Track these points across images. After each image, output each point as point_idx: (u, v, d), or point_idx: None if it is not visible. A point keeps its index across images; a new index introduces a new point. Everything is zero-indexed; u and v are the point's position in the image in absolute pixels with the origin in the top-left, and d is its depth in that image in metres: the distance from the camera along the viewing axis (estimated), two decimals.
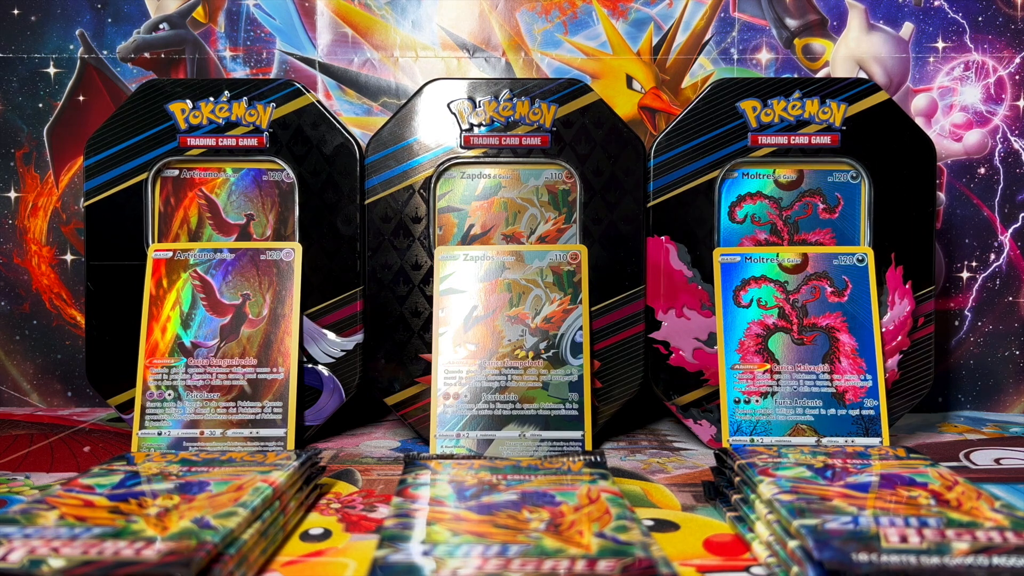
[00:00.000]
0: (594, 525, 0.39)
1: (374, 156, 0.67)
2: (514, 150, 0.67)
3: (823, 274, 0.64)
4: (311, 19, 0.80)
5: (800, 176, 0.67)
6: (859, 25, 0.79)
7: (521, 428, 0.62)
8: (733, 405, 0.62)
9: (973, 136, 0.80)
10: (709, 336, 0.66)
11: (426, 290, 0.66)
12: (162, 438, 0.61)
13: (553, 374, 0.63)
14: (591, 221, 0.67)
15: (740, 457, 0.49)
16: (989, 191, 0.80)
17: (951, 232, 0.81)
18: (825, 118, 0.66)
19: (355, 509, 0.50)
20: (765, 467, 0.46)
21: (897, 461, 0.49)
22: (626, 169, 0.67)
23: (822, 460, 0.49)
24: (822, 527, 0.36)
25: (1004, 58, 0.79)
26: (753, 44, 0.79)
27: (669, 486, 0.55)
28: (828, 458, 0.49)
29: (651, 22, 0.78)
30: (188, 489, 0.44)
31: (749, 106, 0.66)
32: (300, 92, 0.67)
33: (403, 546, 0.36)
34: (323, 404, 0.67)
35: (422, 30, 0.79)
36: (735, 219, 0.67)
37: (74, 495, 0.42)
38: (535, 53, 0.79)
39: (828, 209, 0.67)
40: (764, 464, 0.47)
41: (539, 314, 0.64)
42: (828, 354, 0.63)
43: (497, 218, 0.68)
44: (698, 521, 0.48)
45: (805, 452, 0.51)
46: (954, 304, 0.81)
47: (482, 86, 0.67)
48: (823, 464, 0.48)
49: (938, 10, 0.79)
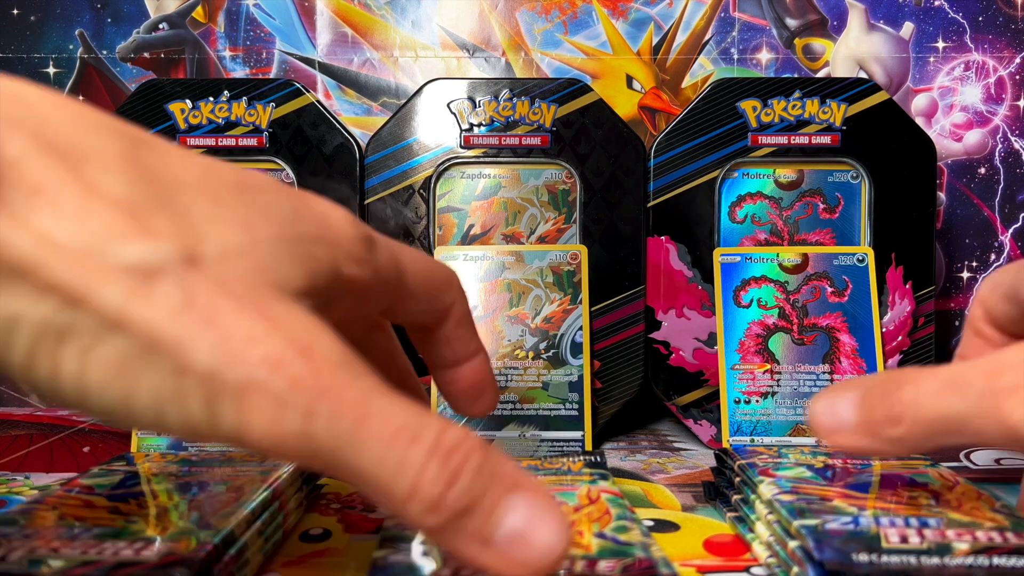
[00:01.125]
0: (594, 525, 0.39)
1: (374, 156, 0.67)
2: (514, 150, 0.67)
3: (823, 274, 0.64)
4: (311, 19, 0.79)
5: (800, 176, 0.67)
6: (859, 25, 0.79)
7: (521, 428, 0.61)
8: (733, 405, 0.62)
9: (973, 136, 0.80)
10: (709, 336, 0.66)
11: None
12: (161, 438, 0.61)
13: (553, 374, 0.63)
14: (591, 221, 0.67)
15: (740, 457, 0.49)
16: (989, 191, 0.80)
17: (951, 232, 0.81)
18: (825, 118, 0.66)
19: (355, 509, 0.50)
20: (765, 467, 0.46)
21: (898, 461, 0.49)
22: (626, 169, 0.67)
23: (822, 460, 0.48)
24: (822, 527, 0.36)
25: (1004, 58, 0.79)
26: (753, 44, 0.79)
27: (669, 486, 0.55)
28: (828, 458, 0.49)
29: (651, 22, 0.78)
30: (188, 489, 0.43)
31: (749, 106, 0.66)
32: (300, 92, 0.67)
33: (403, 546, 0.36)
34: None
35: (422, 30, 0.79)
36: (735, 219, 0.67)
37: (74, 495, 0.42)
38: (535, 53, 0.79)
39: (828, 209, 0.67)
40: (764, 464, 0.47)
41: (539, 314, 0.64)
42: (828, 354, 0.63)
43: (497, 218, 0.68)
44: (698, 521, 0.48)
45: (805, 452, 0.51)
46: (954, 304, 0.81)
47: (482, 86, 0.67)
48: (823, 464, 0.47)
49: (938, 10, 0.79)
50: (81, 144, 0.25)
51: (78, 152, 0.24)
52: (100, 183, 0.24)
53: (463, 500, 0.24)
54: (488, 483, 0.25)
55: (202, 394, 0.23)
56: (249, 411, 0.23)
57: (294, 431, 0.23)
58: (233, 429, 0.23)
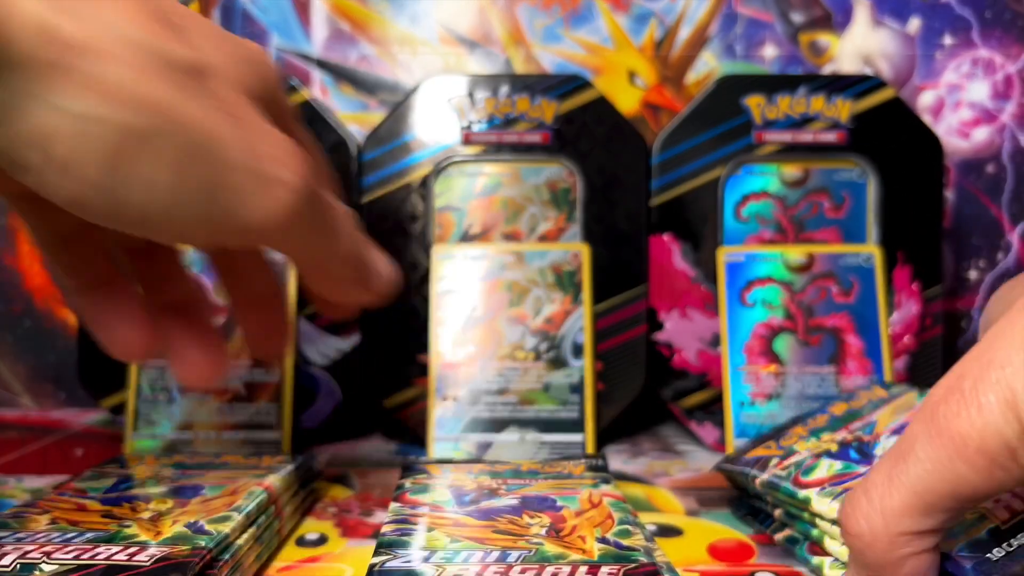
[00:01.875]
0: (596, 530, 0.38)
1: (371, 153, 0.66)
2: (514, 147, 0.66)
3: (829, 274, 0.63)
4: (306, 14, 0.78)
5: (806, 174, 0.66)
6: (865, 20, 0.78)
7: (521, 431, 0.61)
8: (738, 407, 0.61)
9: (981, 134, 0.79)
10: (713, 337, 0.65)
11: (424, 290, 0.65)
12: (155, 441, 0.60)
13: (554, 376, 0.62)
14: (592, 220, 0.66)
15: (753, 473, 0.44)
16: (997, 189, 0.79)
17: (958, 231, 0.80)
18: (831, 115, 0.65)
19: (352, 514, 0.49)
20: (793, 476, 0.41)
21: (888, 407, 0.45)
22: (628, 166, 0.66)
23: (830, 438, 0.44)
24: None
25: (1012, 55, 0.78)
26: (757, 39, 0.78)
27: (673, 490, 0.54)
28: (832, 433, 0.45)
29: (654, 16, 0.77)
30: (182, 493, 0.43)
31: (754, 102, 0.65)
32: (295, 88, 0.66)
33: (401, 552, 0.35)
34: (319, 406, 0.66)
35: (420, 24, 0.78)
36: (740, 218, 0.66)
37: (66, 499, 0.42)
38: (535, 48, 0.78)
39: (834, 207, 0.66)
40: (788, 473, 0.42)
41: (539, 314, 0.63)
42: (834, 355, 0.62)
43: (497, 217, 0.67)
44: (702, 526, 0.47)
45: (805, 437, 0.46)
46: (962, 304, 0.80)
47: (481, 82, 0.66)
48: (839, 445, 0.43)
49: (945, 6, 0.78)
50: None
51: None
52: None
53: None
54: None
55: (236, 182, 0.29)
56: (271, 197, 0.30)
57: (301, 211, 0.31)
58: (259, 213, 0.30)
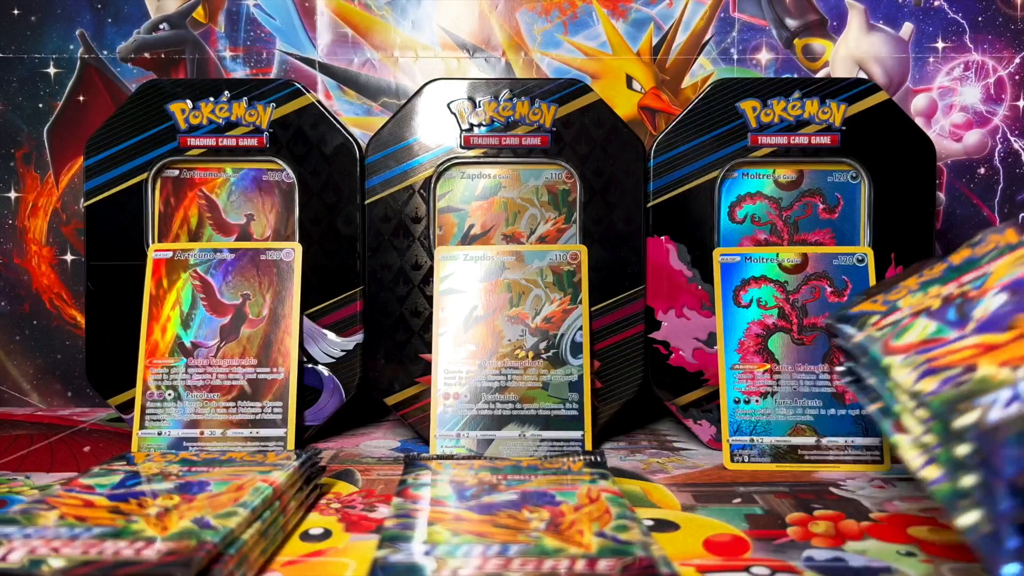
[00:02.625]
0: (594, 525, 0.39)
1: (374, 156, 0.67)
2: (514, 150, 0.67)
3: (823, 274, 0.64)
4: (311, 19, 0.79)
5: (800, 176, 0.67)
6: (859, 25, 0.79)
7: (521, 428, 0.61)
8: (733, 405, 0.62)
9: (973, 136, 0.80)
10: (709, 336, 0.66)
11: (426, 290, 0.66)
12: (162, 438, 0.61)
13: (553, 374, 0.63)
14: (591, 221, 0.67)
15: (850, 331, 0.40)
16: (989, 191, 0.80)
17: (951, 232, 0.81)
18: (825, 118, 0.66)
19: (355, 509, 0.50)
20: (885, 338, 0.38)
21: (1011, 256, 0.38)
22: (626, 169, 0.67)
23: (936, 293, 0.39)
24: (986, 421, 0.29)
25: (1004, 58, 0.79)
26: (753, 44, 0.79)
27: (669, 486, 0.55)
28: (942, 287, 0.39)
29: (651, 22, 0.78)
30: (188, 489, 0.44)
31: (749, 106, 0.66)
32: (300, 92, 0.67)
33: (403, 546, 0.36)
34: (323, 404, 0.67)
35: (422, 30, 0.79)
36: (735, 219, 0.67)
37: (74, 495, 0.42)
38: (535, 53, 0.79)
39: (828, 209, 0.67)
40: (882, 334, 0.38)
41: (539, 314, 0.64)
42: (828, 354, 0.63)
43: (497, 218, 0.68)
44: (698, 521, 0.48)
45: (913, 291, 0.41)
46: None
47: (482, 86, 0.67)
48: (942, 301, 0.38)
49: (938, 10, 0.79)
50: None
51: None
52: None
53: None
54: None
55: None
56: None
57: None
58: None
